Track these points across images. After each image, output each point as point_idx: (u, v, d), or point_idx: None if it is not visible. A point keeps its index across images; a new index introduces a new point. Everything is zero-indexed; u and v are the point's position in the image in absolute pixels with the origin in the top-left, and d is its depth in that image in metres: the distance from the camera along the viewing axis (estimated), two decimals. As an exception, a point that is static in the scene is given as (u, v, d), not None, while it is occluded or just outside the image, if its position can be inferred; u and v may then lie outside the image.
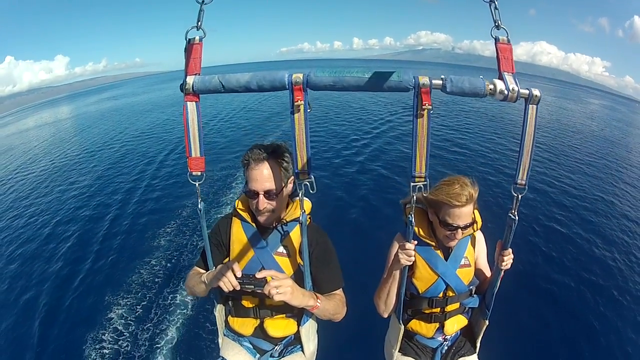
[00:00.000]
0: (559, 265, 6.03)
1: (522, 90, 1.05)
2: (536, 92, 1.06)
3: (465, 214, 1.46)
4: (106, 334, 4.72)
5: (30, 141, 22.18)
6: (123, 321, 4.91)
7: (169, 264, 6.15)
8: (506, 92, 1.05)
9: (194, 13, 1.10)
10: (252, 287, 1.28)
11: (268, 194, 1.36)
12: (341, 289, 1.53)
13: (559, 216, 7.76)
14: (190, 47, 1.10)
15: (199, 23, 1.08)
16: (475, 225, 1.59)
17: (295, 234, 1.46)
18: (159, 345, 4.47)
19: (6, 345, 4.65)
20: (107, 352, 4.46)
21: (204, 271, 1.50)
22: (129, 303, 5.26)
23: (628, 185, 10.76)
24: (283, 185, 1.39)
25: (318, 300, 1.41)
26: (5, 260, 6.99)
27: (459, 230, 1.48)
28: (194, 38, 1.10)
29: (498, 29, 1.07)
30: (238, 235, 1.49)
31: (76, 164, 13.59)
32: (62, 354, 4.54)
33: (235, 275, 1.27)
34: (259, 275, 1.29)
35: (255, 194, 1.36)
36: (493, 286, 1.53)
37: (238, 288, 1.28)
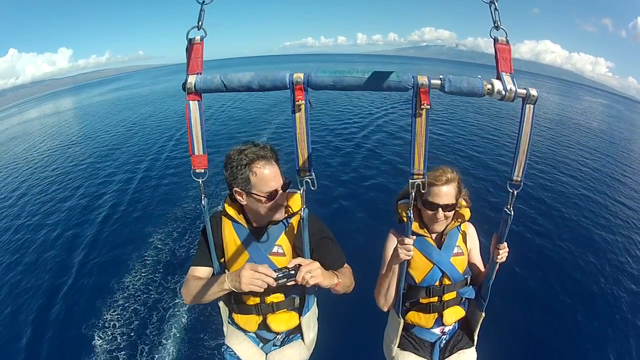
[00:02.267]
0: (555, 260, 6.11)
1: (519, 90, 1.07)
2: (533, 91, 1.08)
3: (445, 193, 1.57)
4: (112, 320, 4.82)
5: (34, 131, 22.32)
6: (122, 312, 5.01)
7: (173, 253, 6.22)
8: (504, 92, 1.06)
9: (196, 7, 1.11)
10: (286, 279, 1.30)
11: (284, 188, 1.42)
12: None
13: (557, 212, 7.82)
14: (191, 47, 1.11)
15: (200, 23, 1.09)
16: (460, 213, 1.69)
17: (289, 232, 1.50)
18: (165, 333, 4.57)
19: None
20: (117, 335, 4.57)
21: (204, 274, 1.50)
22: (130, 294, 5.34)
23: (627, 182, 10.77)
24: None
25: (338, 277, 1.48)
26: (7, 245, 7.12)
27: (440, 209, 1.57)
28: (195, 38, 1.11)
29: (497, 30, 1.08)
30: (231, 237, 1.51)
31: (82, 155, 13.68)
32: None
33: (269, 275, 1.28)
34: (290, 265, 1.31)
35: (275, 193, 1.39)
36: (489, 278, 1.58)
37: (274, 285, 1.29)
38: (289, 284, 1.32)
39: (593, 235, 7.01)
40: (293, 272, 1.30)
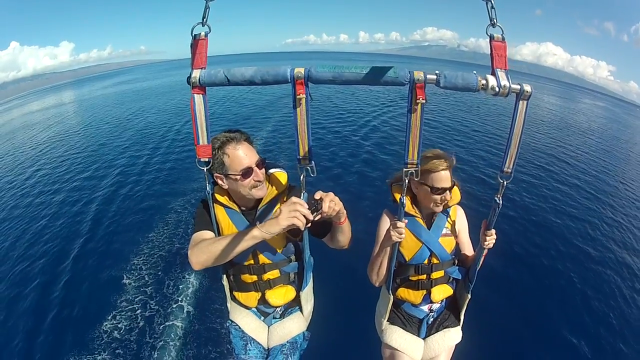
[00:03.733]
0: (543, 248, 6.24)
1: (513, 86, 1.10)
2: (527, 87, 1.11)
3: (448, 177, 1.67)
4: (124, 304, 4.97)
5: (43, 121, 22.44)
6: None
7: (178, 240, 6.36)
8: (497, 88, 1.09)
9: (198, 4, 1.15)
10: (316, 212, 1.28)
11: (259, 165, 1.47)
12: None
13: (549, 204, 7.96)
14: (196, 43, 1.16)
15: (204, 19, 1.14)
16: (453, 194, 1.75)
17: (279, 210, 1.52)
18: (175, 308, 4.74)
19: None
20: (125, 317, 4.71)
21: (211, 235, 1.50)
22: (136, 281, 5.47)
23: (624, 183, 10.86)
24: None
25: None
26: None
27: (447, 192, 1.67)
28: (200, 34, 1.15)
29: (493, 27, 1.11)
30: (225, 221, 1.57)
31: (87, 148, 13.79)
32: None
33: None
34: (317, 196, 1.30)
35: (250, 170, 1.44)
36: (476, 263, 1.66)
37: (311, 218, 1.26)
38: (316, 218, 1.30)
39: (582, 225, 7.17)
40: (319, 205, 1.30)
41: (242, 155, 1.43)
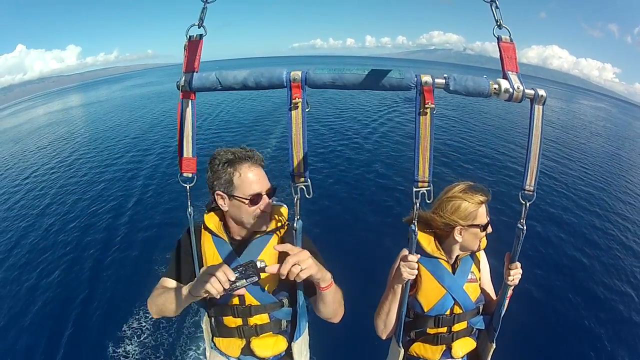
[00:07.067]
0: (572, 282, 5.67)
1: (527, 90, 1.02)
2: (542, 92, 1.03)
3: (486, 212, 1.46)
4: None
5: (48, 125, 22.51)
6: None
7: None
8: (511, 91, 1.01)
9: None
10: (245, 280, 1.10)
11: (270, 194, 1.32)
12: None
13: (570, 226, 7.37)
14: (190, 44, 1.08)
15: (201, 21, 1.06)
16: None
17: (272, 246, 1.36)
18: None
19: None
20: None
21: (175, 283, 1.37)
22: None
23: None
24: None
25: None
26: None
27: (489, 226, 1.46)
28: (195, 35, 1.08)
29: (500, 28, 1.04)
30: (211, 252, 1.38)
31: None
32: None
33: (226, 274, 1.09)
34: (279, 249, 1.14)
35: (259, 197, 1.29)
36: (500, 305, 1.46)
37: (227, 286, 1.08)
38: (244, 286, 1.10)
39: (615, 246, 6.59)
40: (255, 270, 1.12)
41: (256, 179, 1.28)
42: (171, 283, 1.38)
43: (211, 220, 1.40)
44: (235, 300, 1.37)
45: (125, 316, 4.90)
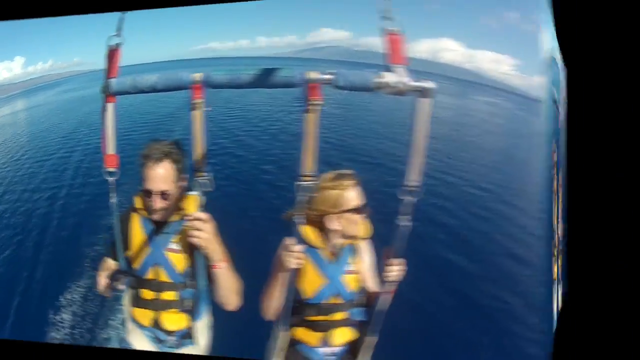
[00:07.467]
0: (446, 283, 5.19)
1: (413, 83, 1.00)
2: (428, 84, 1.00)
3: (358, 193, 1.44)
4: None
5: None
6: None
7: None
8: (396, 85, 1.00)
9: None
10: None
11: (163, 195, 1.39)
12: None
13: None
14: (110, 53, 1.23)
15: (119, 31, 1.21)
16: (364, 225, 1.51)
17: (185, 232, 1.43)
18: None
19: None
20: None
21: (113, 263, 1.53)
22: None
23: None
24: (177, 184, 1.42)
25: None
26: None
27: (366, 208, 1.44)
28: (114, 44, 1.22)
29: (387, 20, 1.02)
30: (136, 231, 1.51)
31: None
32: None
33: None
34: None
35: (150, 194, 1.39)
36: (379, 299, 1.44)
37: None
38: None
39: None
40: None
41: (150, 177, 1.37)
42: (109, 261, 1.55)
43: (139, 202, 1.51)
44: (152, 275, 1.49)
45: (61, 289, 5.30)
